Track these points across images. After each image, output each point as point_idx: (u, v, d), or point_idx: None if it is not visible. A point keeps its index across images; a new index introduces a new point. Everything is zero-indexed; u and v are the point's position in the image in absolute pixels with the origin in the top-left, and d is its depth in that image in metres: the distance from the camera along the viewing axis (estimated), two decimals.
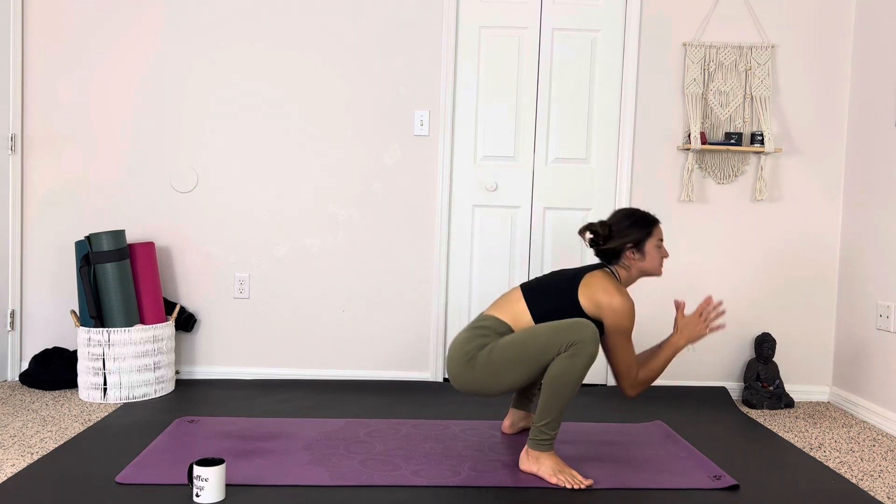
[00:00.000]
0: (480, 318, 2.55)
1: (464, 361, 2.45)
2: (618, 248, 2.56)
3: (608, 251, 2.58)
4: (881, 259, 3.29)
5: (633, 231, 2.55)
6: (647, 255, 2.57)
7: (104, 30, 3.56)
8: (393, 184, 3.62)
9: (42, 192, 3.59)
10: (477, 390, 2.47)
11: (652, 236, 2.57)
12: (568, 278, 2.53)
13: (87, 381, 3.23)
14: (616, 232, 2.56)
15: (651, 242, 2.57)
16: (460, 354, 2.47)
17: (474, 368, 2.43)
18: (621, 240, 2.55)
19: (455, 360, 2.48)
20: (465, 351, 2.46)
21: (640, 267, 2.59)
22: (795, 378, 3.65)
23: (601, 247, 2.58)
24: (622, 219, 2.58)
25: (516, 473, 2.43)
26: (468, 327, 2.54)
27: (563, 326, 2.36)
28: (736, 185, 3.60)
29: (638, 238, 2.55)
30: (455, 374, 2.49)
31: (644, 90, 3.58)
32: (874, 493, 2.41)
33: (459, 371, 2.47)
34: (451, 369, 2.51)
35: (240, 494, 2.20)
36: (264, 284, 3.64)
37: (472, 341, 2.47)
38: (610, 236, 2.56)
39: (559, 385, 2.34)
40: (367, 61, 3.59)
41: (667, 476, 2.45)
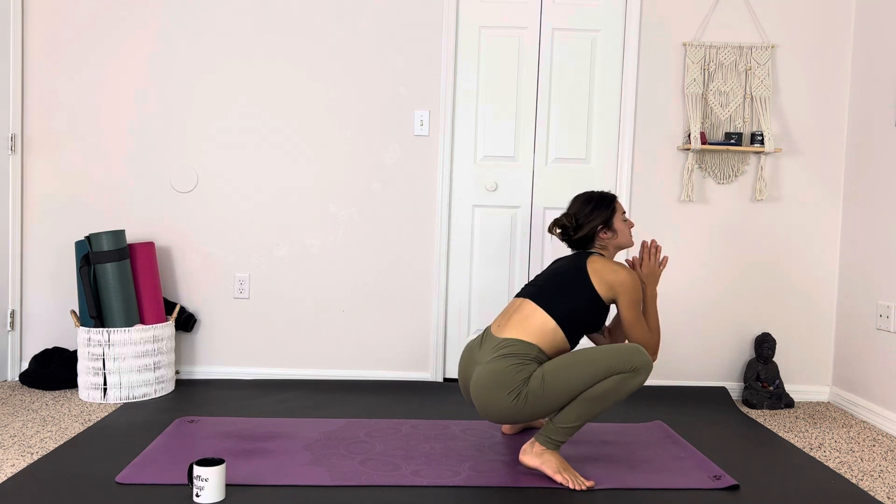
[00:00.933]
0: (502, 343, 2.42)
1: (509, 398, 2.34)
2: (590, 234, 2.61)
3: (581, 239, 2.63)
4: (881, 259, 3.29)
5: (599, 213, 2.62)
6: (617, 230, 2.64)
7: (104, 29, 3.56)
8: (393, 184, 3.62)
9: (42, 192, 3.59)
10: (521, 419, 2.39)
11: (616, 212, 2.65)
12: (571, 271, 2.53)
13: (87, 381, 3.23)
14: (582, 219, 2.62)
15: (617, 218, 2.65)
16: (500, 389, 2.34)
17: (525, 402, 2.33)
18: (590, 224, 2.60)
19: (492, 395, 2.36)
20: (507, 387, 2.33)
21: (615, 243, 2.65)
22: (795, 378, 3.65)
23: (573, 237, 2.63)
24: (583, 205, 2.64)
25: (516, 473, 2.43)
26: (492, 354, 2.41)
27: (624, 350, 2.32)
28: (736, 185, 3.60)
29: (605, 217, 2.62)
30: (493, 409, 2.37)
31: (644, 90, 3.58)
32: (874, 493, 2.41)
33: (501, 406, 2.36)
34: (486, 403, 2.38)
35: (240, 494, 2.20)
36: (264, 284, 3.64)
37: (511, 374, 2.34)
38: (579, 225, 2.62)
39: (600, 401, 2.31)
40: (368, 61, 3.59)
41: (667, 476, 2.45)
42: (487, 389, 2.37)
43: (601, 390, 2.30)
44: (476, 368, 2.45)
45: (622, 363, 2.30)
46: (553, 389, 2.31)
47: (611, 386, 2.30)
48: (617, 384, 2.30)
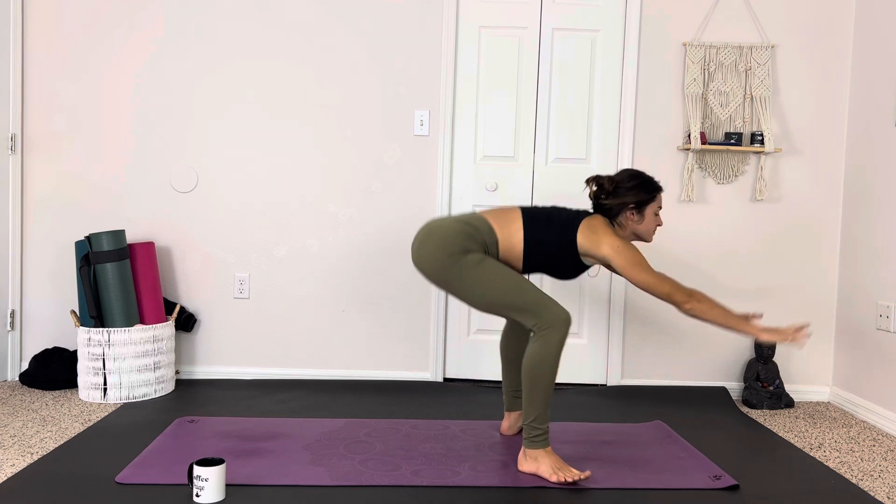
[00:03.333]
0: (472, 215, 2.53)
1: (445, 251, 2.43)
2: (618, 206, 2.57)
3: (608, 207, 2.58)
4: (881, 259, 3.29)
5: (638, 192, 2.56)
6: (645, 218, 2.59)
7: (104, 29, 3.56)
8: (393, 184, 3.62)
9: (42, 192, 3.59)
10: (435, 279, 2.46)
11: (654, 202, 2.59)
12: (569, 215, 2.55)
13: (87, 381, 3.23)
14: (621, 189, 2.56)
15: (651, 207, 2.59)
16: (446, 243, 2.44)
17: (452, 265, 2.42)
18: (624, 199, 2.55)
19: (434, 244, 2.45)
20: (452, 242, 2.43)
21: (634, 229, 2.60)
22: (795, 378, 3.65)
23: (602, 201, 2.58)
24: (628, 178, 2.58)
25: (516, 473, 2.43)
26: (456, 219, 2.51)
27: (546, 302, 2.40)
28: (736, 185, 3.60)
29: (641, 200, 2.56)
30: (426, 257, 2.46)
31: (644, 90, 3.58)
32: (874, 493, 2.41)
33: (433, 256, 2.44)
34: (423, 250, 2.47)
35: (240, 494, 2.20)
36: (264, 284, 3.64)
37: (463, 239, 2.44)
38: (614, 192, 2.56)
39: (537, 374, 2.37)
40: (368, 61, 3.59)
41: (667, 476, 2.45)
42: (436, 235, 2.47)
43: (527, 364, 2.39)
44: (440, 219, 2.56)
45: (538, 307, 2.38)
46: (480, 277, 2.40)
47: (533, 356, 2.37)
48: (536, 351, 2.38)
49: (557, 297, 3.65)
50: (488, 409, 3.24)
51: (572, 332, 3.66)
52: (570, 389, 3.59)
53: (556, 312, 2.39)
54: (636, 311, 3.64)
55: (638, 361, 3.65)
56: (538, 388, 2.39)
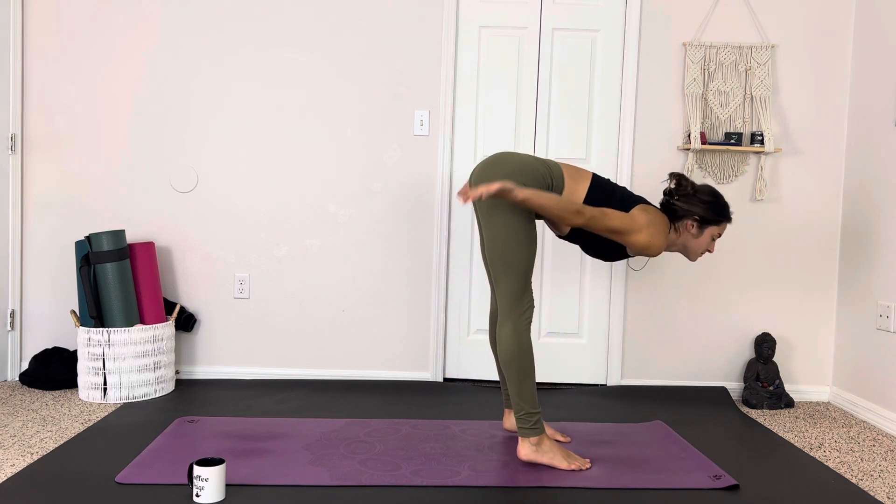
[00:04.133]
0: (549, 160, 2.54)
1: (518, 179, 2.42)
2: (684, 212, 2.53)
3: (674, 207, 2.55)
4: (881, 259, 3.29)
5: (709, 209, 2.53)
6: (703, 236, 2.56)
7: (104, 30, 3.56)
8: (393, 184, 3.62)
9: (42, 192, 3.59)
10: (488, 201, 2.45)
11: (718, 226, 2.57)
12: (632, 196, 2.53)
13: (87, 381, 3.23)
14: (696, 198, 2.53)
15: (712, 230, 2.56)
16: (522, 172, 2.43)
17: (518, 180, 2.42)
18: (694, 207, 2.52)
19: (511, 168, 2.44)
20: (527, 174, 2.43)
21: (687, 241, 2.57)
22: (795, 378, 3.65)
23: (674, 200, 2.55)
24: (708, 192, 2.55)
25: (516, 473, 2.43)
26: (534, 156, 2.53)
27: (527, 292, 2.46)
28: (736, 185, 3.60)
29: (708, 218, 2.53)
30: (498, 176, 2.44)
31: (644, 90, 3.58)
32: (874, 493, 2.41)
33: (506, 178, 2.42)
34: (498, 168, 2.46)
35: (240, 494, 2.20)
36: (264, 284, 3.64)
37: (533, 174, 2.44)
38: (688, 197, 2.53)
39: (517, 365, 2.43)
40: (367, 61, 3.59)
41: (667, 476, 2.45)
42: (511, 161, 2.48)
43: (502, 355, 2.45)
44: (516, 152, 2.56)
45: (524, 288, 2.45)
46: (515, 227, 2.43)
47: (504, 344, 2.45)
48: (511, 336, 2.44)
49: (559, 298, 3.65)
50: (488, 409, 3.24)
51: (572, 332, 3.66)
52: (570, 389, 3.59)
53: (529, 300, 2.47)
54: (636, 311, 3.64)
55: (638, 361, 3.65)
56: (521, 377, 2.44)
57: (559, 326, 3.66)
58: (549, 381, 3.68)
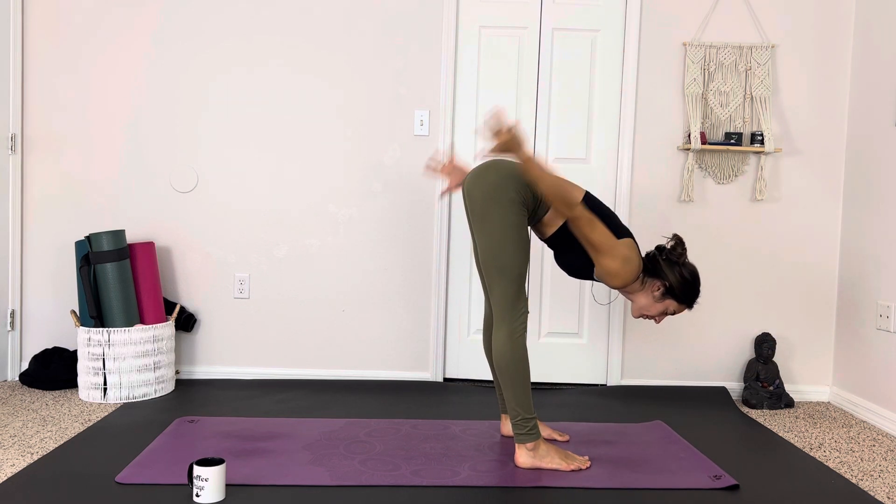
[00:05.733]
0: None
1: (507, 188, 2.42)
2: (661, 273, 2.53)
3: (655, 265, 2.54)
4: (881, 259, 3.29)
5: (683, 286, 2.52)
6: (659, 303, 2.56)
7: (104, 30, 3.56)
8: (393, 184, 3.62)
9: (42, 192, 3.59)
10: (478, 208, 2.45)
11: (677, 303, 2.56)
12: (622, 228, 2.52)
13: (87, 381, 3.23)
14: (677, 268, 2.52)
15: (671, 304, 2.56)
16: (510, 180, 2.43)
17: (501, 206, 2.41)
18: (672, 275, 2.51)
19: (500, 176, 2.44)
20: (516, 183, 2.42)
21: (643, 298, 2.56)
22: (795, 378, 3.65)
23: (662, 258, 2.54)
24: (690, 272, 2.53)
25: (516, 473, 2.43)
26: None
27: (521, 297, 2.44)
28: (736, 185, 3.60)
29: (674, 291, 2.52)
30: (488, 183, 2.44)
31: (644, 90, 3.57)
32: (874, 493, 2.41)
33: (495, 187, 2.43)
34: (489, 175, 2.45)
35: (240, 494, 2.20)
36: (264, 284, 3.64)
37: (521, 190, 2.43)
38: (671, 263, 2.52)
39: (512, 371, 2.42)
40: (367, 61, 3.59)
41: (667, 476, 2.45)
42: (501, 169, 2.46)
43: (497, 362, 2.43)
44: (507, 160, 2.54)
45: (518, 294, 2.43)
46: (508, 232, 2.41)
47: (499, 351, 2.42)
48: (505, 341, 2.42)
49: (558, 296, 3.65)
50: (488, 409, 3.24)
51: (572, 332, 3.66)
52: (570, 389, 3.59)
53: (524, 305, 2.45)
54: None
55: (638, 361, 3.65)
56: (516, 382, 2.43)
57: (559, 326, 3.66)
58: (549, 381, 3.68)
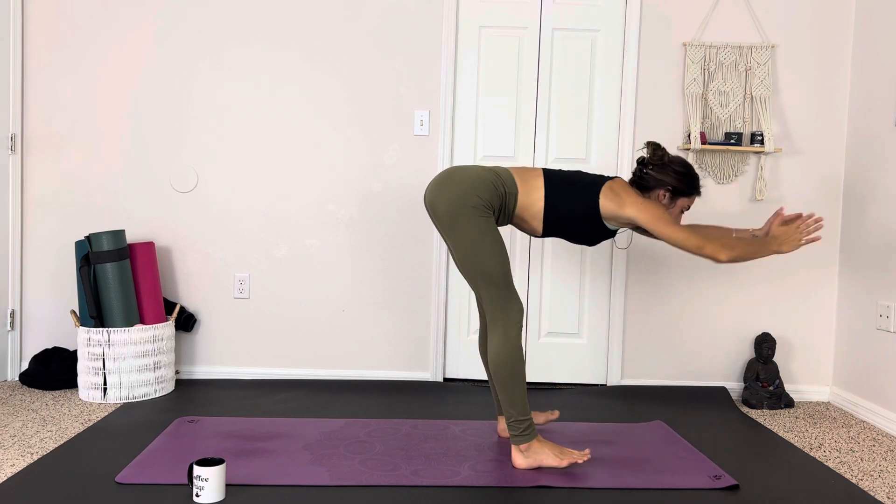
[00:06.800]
0: (496, 166, 2.52)
1: (468, 197, 2.40)
2: (656, 182, 2.53)
3: (647, 177, 2.54)
4: (881, 259, 3.29)
5: (682, 180, 2.53)
6: (674, 207, 2.57)
7: (104, 30, 3.56)
8: (393, 184, 3.62)
9: (42, 192, 3.59)
10: (444, 221, 2.43)
11: (689, 197, 2.58)
12: (592, 178, 2.53)
13: (87, 381, 3.23)
14: (669, 168, 2.53)
15: (683, 202, 2.57)
16: (469, 189, 2.41)
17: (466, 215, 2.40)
18: (665, 177, 2.52)
19: (459, 187, 2.42)
20: (476, 190, 2.40)
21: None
22: (795, 378, 3.65)
23: (647, 169, 2.54)
24: (680, 164, 2.55)
25: (516, 473, 2.43)
26: (481, 166, 2.50)
27: (515, 293, 2.42)
28: (736, 185, 3.60)
29: (679, 188, 2.54)
30: (447, 196, 2.43)
31: (644, 90, 3.58)
32: (874, 493, 2.41)
33: (455, 199, 2.41)
34: (446, 188, 2.44)
35: (240, 494, 2.20)
36: (264, 284, 3.64)
37: (483, 186, 2.42)
38: (660, 166, 2.53)
39: (506, 372, 2.41)
40: (368, 61, 3.59)
41: (667, 476, 2.45)
42: (457, 178, 2.45)
43: (492, 363, 2.42)
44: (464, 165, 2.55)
45: (507, 296, 2.41)
46: (481, 237, 2.39)
47: (493, 353, 2.41)
48: (495, 344, 2.41)
49: (558, 296, 3.65)
50: (488, 409, 3.24)
51: (572, 332, 3.66)
52: (570, 389, 3.59)
53: (517, 304, 2.43)
54: (636, 311, 3.64)
55: (638, 361, 3.65)
56: (511, 384, 2.42)
57: (559, 326, 3.66)
58: (549, 381, 3.68)
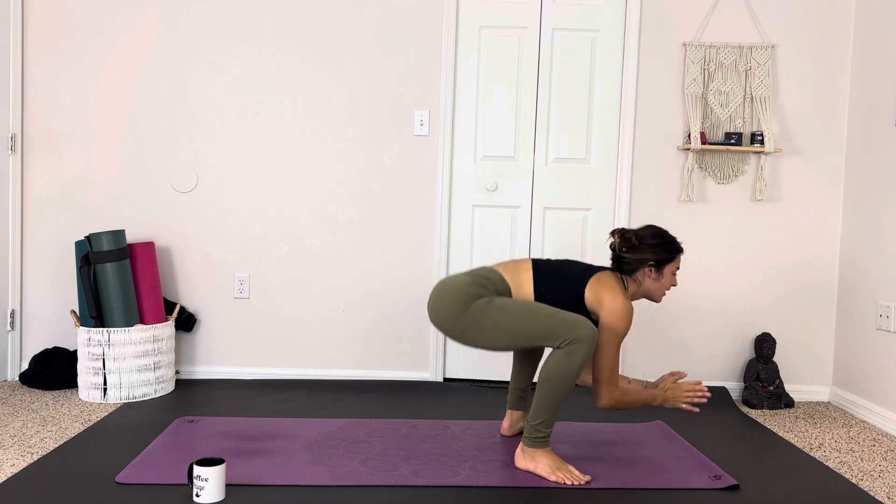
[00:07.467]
0: (484, 268, 2.55)
1: (457, 302, 2.42)
2: (637, 262, 2.55)
3: (626, 261, 2.56)
4: (881, 259, 3.29)
5: (660, 251, 2.55)
6: (662, 277, 2.58)
7: (104, 29, 3.56)
8: (393, 184, 3.62)
9: (42, 192, 3.59)
10: (454, 334, 2.45)
11: (673, 262, 2.58)
12: (580, 269, 2.55)
13: (87, 381, 3.23)
14: (643, 245, 2.55)
15: (670, 267, 2.58)
16: (455, 294, 2.43)
17: (464, 313, 2.41)
18: (644, 255, 2.54)
19: (447, 298, 2.45)
20: (463, 291, 2.43)
21: (649, 287, 2.59)
22: (795, 378, 3.65)
23: (623, 254, 2.56)
24: (651, 235, 2.56)
25: (516, 474, 2.43)
26: (469, 272, 2.52)
27: (567, 320, 2.35)
28: (736, 185, 3.60)
29: (661, 259, 2.55)
30: (440, 311, 2.46)
31: (644, 90, 3.58)
32: (874, 493, 2.41)
33: (447, 309, 2.44)
34: (438, 305, 2.46)
35: (240, 494, 2.20)
36: (264, 284, 3.64)
37: (471, 287, 2.44)
38: (636, 247, 2.55)
39: (555, 384, 2.35)
40: (367, 61, 3.59)
41: (667, 476, 2.45)
42: (446, 290, 2.47)
43: (548, 373, 2.35)
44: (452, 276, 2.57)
45: (560, 329, 2.34)
46: (492, 318, 2.39)
47: (557, 366, 2.34)
48: (561, 362, 2.33)
49: None
50: (488, 409, 3.24)
51: None
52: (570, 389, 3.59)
53: (581, 329, 2.34)
54: (636, 311, 3.63)
55: (638, 361, 3.65)
56: (553, 396, 2.36)
57: None
58: None
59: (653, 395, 2.53)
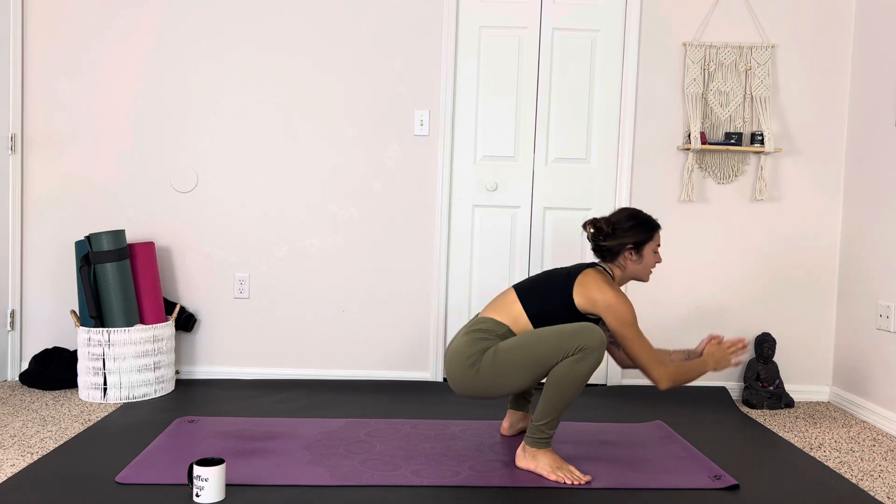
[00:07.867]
0: (477, 320, 2.54)
1: (466, 366, 2.42)
2: (617, 247, 2.56)
3: (606, 248, 2.58)
4: (881, 259, 3.29)
5: (637, 232, 2.56)
6: (644, 257, 2.58)
7: (104, 29, 3.56)
8: (393, 184, 3.62)
9: (42, 192, 3.59)
10: (479, 394, 2.45)
11: (652, 241, 2.59)
12: (562, 277, 2.54)
13: (87, 381, 3.23)
14: (618, 231, 2.55)
15: (650, 246, 2.59)
16: (462, 359, 2.44)
17: (478, 373, 2.41)
18: (622, 239, 2.55)
19: (456, 365, 2.45)
20: (466, 356, 2.43)
21: (634, 269, 2.60)
22: (795, 378, 3.65)
23: (601, 243, 2.58)
24: (626, 219, 2.57)
25: (516, 473, 2.43)
26: (466, 331, 2.51)
27: (569, 331, 2.35)
28: (736, 185, 3.60)
29: (639, 240, 2.56)
30: (456, 380, 2.46)
31: (644, 90, 3.58)
32: (874, 493, 2.41)
33: (461, 376, 2.44)
34: (451, 375, 2.48)
35: (240, 494, 2.20)
36: (264, 284, 3.64)
37: (472, 345, 2.44)
38: (612, 234, 2.56)
39: (563, 387, 2.34)
40: (367, 61, 3.59)
41: (667, 476, 2.45)
42: (453, 358, 2.47)
43: (557, 376, 2.34)
44: (451, 342, 2.57)
45: (566, 341, 2.34)
46: (504, 364, 2.38)
47: (566, 370, 2.33)
48: (570, 368, 2.33)
49: None
50: (488, 409, 3.24)
51: None
52: None
53: (585, 336, 2.34)
54: (636, 311, 3.63)
55: None
56: (560, 399, 2.36)
57: None
58: None
59: (703, 363, 2.53)
